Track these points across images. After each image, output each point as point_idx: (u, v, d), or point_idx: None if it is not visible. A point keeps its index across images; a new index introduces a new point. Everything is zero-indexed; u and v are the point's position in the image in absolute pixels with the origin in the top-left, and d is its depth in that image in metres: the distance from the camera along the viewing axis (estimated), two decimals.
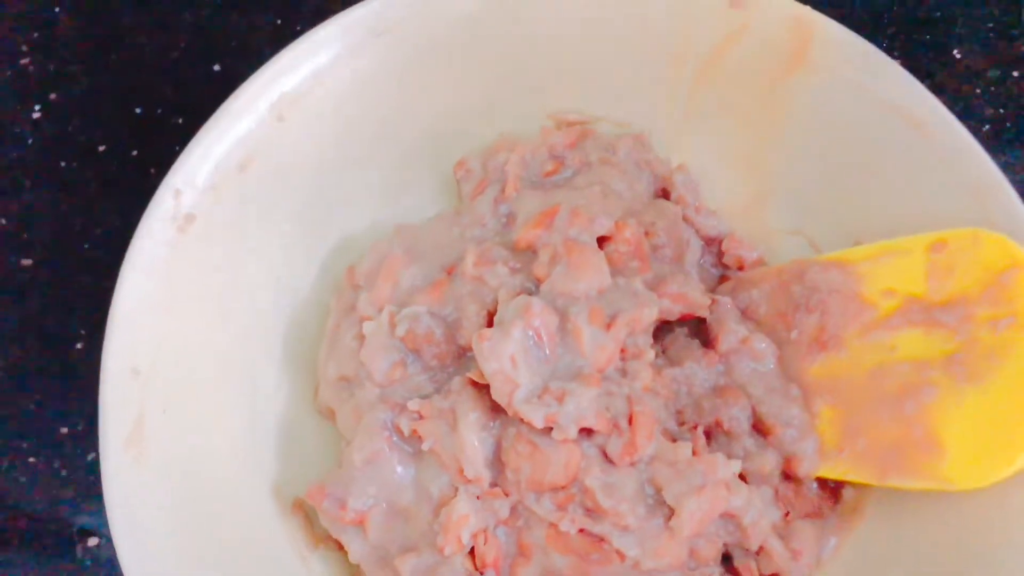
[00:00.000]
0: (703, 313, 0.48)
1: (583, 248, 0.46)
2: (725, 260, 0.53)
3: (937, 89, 0.48)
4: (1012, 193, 0.45)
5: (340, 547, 0.45)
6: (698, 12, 0.52)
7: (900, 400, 0.43)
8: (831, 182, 0.52)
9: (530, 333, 0.43)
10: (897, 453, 0.43)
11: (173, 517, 0.42)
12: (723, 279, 0.53)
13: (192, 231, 0.46)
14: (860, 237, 0.49)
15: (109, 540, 0.44)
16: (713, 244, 0.53)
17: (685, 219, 0.53)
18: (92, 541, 0.51)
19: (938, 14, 0.67)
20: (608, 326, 0.44)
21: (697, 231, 0.53)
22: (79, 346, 0.56)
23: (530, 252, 0.48)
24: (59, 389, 0.55)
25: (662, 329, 0.49)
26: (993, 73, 0.65)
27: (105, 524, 0.40)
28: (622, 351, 0.45)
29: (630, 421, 0.43)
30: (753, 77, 0.52)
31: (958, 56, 0.66)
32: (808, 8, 0.50)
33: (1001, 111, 0.64)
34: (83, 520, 0.52)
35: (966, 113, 0.63)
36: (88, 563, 0.51)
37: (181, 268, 0.45)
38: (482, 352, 0.43)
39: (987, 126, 0.63)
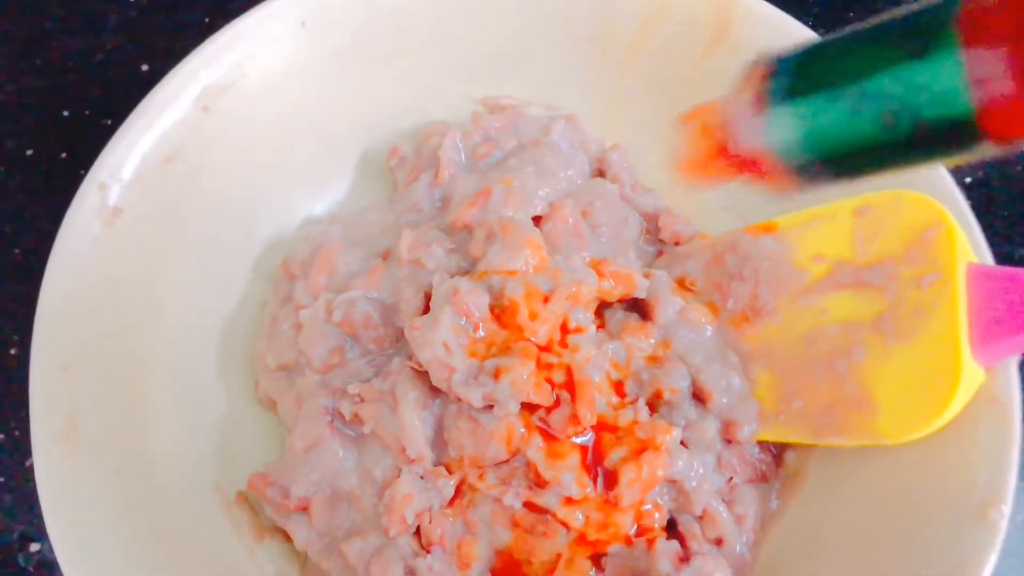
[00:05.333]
0: (641, 295, 0.48)
1: (518, 226, 0.47)
2: (662, 236, 0.53)
3: None
4: None
5: (286, 537, 0.45)
6: None
7: (833, 361, 0.44)
8: None
9: (460, 317, 0.43)
10: (832, 412, 0.44)
11: (112, 515, 0.41)
12: (660, 254, 0.54)
13: (119, 225, 0.45)
14: (788, 206, 0.50)
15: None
16: (651, 221, 0.54)
17: (622, 197, 0.53)
18: (34, 547, 0.50)
19: None
20: (545, 300, 0.44)
21: (635, 208, 0.53)
22: (13, 352, 0.55)
23: (466, 232, 0.48)
24: None
25: (601, 305, 0.49)
26: None
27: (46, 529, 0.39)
28: (563, 326, 0.45)
29: (571, 393, 0.43)
30: (679, 55, 0.53)
31: None
32: None
33: None
34: (23, 527, 0.51)
35: None
36: (31, 570, 0.50)
37: (109, 263, 0.45)
38: (415, 341, 0.43)
39: None
